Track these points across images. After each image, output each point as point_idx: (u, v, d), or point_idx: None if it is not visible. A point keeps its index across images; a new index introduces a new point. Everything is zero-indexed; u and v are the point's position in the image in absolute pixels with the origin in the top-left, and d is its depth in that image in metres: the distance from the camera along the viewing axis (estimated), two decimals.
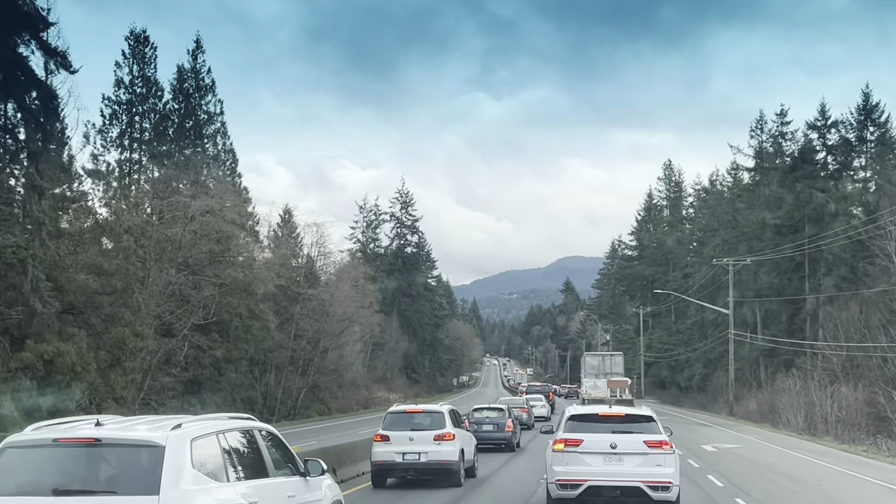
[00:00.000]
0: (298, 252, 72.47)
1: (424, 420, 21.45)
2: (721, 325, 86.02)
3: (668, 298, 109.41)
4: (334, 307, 67.85)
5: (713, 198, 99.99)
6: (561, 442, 15.95)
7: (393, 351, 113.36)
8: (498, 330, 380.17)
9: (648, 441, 15.65)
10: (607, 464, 15.63)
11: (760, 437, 40.95)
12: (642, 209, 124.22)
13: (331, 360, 77.84)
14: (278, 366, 67.38)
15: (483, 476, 23.53)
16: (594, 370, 60.24)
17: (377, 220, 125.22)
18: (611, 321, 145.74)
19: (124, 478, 7.62)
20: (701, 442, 36.68)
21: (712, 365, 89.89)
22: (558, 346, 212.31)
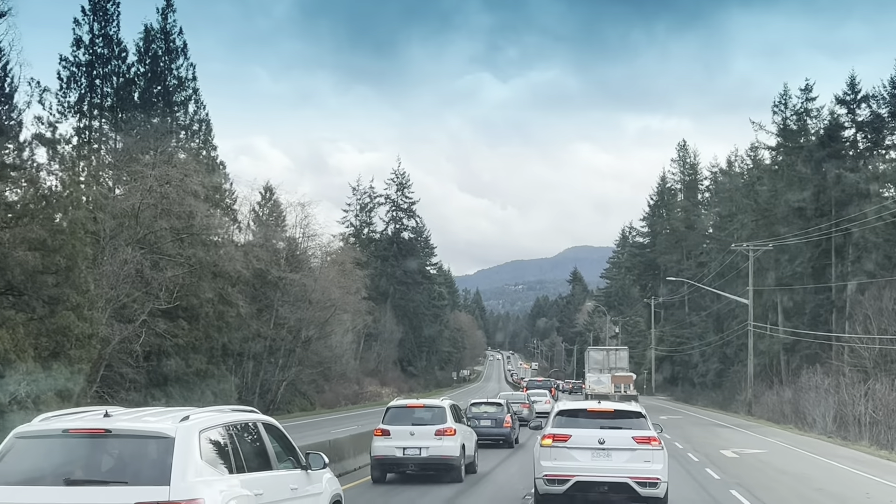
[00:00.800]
0: (280, 233, 69.20)
1: (425, 415, 21.87)
2: (739, 317, 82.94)
3: (682, 288, 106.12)
4: (317, 293, 64.58)
5: (731, 180, 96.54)
6: (549, 437, 16.32)
7: (387, 342, 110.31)
8: (502, 322, 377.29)
9: (637, 437, 16.03)
10: (595, 459, 16.01)
11: (785, 440, 37.71)
12: (655, 193, 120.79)
13: (315, 352, 74.84)
14: (256, 356, 64.33)
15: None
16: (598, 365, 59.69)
17: (372, 203, 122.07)
18: (620, 313, 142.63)
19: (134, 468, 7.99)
20: (719, 446, 33.43)
21: (729, 360, 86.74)
22: (565, 339, 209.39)
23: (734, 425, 48.20)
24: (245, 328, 60.53)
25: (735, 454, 30.13)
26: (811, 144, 72.66)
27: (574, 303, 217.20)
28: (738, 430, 44.47)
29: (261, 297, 65.76)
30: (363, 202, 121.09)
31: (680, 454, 29.94)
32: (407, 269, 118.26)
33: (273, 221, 68.96)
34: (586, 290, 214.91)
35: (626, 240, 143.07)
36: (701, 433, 40.93)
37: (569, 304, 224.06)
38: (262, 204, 69.06)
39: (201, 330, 55.00)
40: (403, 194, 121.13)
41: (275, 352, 65.71)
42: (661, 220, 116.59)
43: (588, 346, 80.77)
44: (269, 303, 65.43)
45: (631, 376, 58.73)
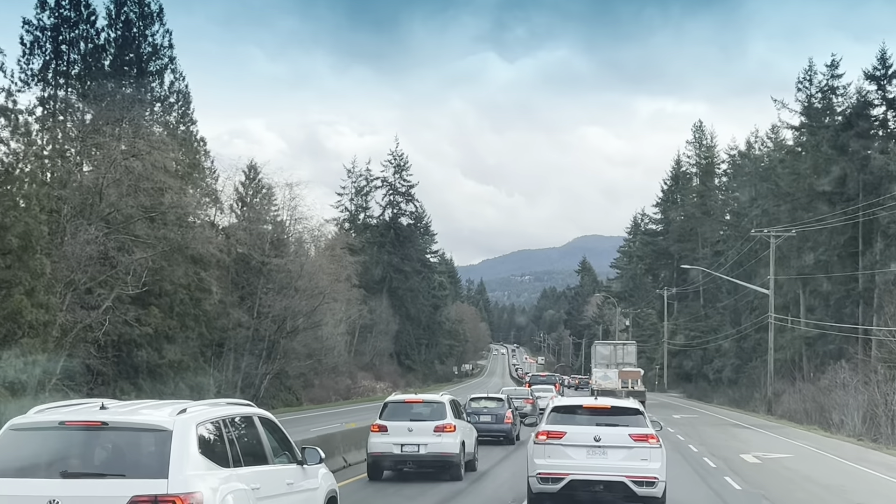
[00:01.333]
0: (265, 216, 67.15)
1: (424, 410, 21.96)
2: (758, 309, 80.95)
3: (697, 278, 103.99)
4: (304, 280, 62.52)
5: (751, 164, 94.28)
6: (543, 434, 16.39)
7: (382, 334, 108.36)
8: (507, 314, 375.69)
9: (634, 434, 16.02)
10: (590, 457, 16.03)
11: (811, 442, 35.62)
12: (669, 178, 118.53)
13: (304, 343, 72.90)
14: (237, 348, 62.42)
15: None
16: (605, 360, 60.26)
17: (368, 187, 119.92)
18: (631, 305, 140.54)
19: (132, 461, 8.22)
20: (739, 449, 31.35)
21: (747, 355, 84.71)
22: (573, 333, 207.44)
23: (753, 426, 46.14)
24: (225, 317, 58.59)
25: (757, 459, 28.05)
26: (838, 124, 70.47)
27: (583, 294, 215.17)
28: (758, 430, 42.41)
29: (243, 284, 63.82)
30: (359, 185, 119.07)
31: (695, 459, 27.90)
32: (405, 257, 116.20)
33: (257, 203, 66.85)
34: (595, 281, 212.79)
35: (638, 227, 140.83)
36: (718, 434, 38.90)
37: (577, 296, 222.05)
38: (246, 184, 66.93)
39: (176, 318, 53.06)
40: (401, 177, 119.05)
41: (258, 343, 63.72)
42: (676, 206, 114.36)
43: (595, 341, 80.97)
44: (253, 290, 63.46)
45: (639, 371, 59.28)
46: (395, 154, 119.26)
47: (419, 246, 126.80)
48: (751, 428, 44.09)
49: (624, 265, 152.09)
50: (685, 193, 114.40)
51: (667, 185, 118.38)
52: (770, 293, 63.27)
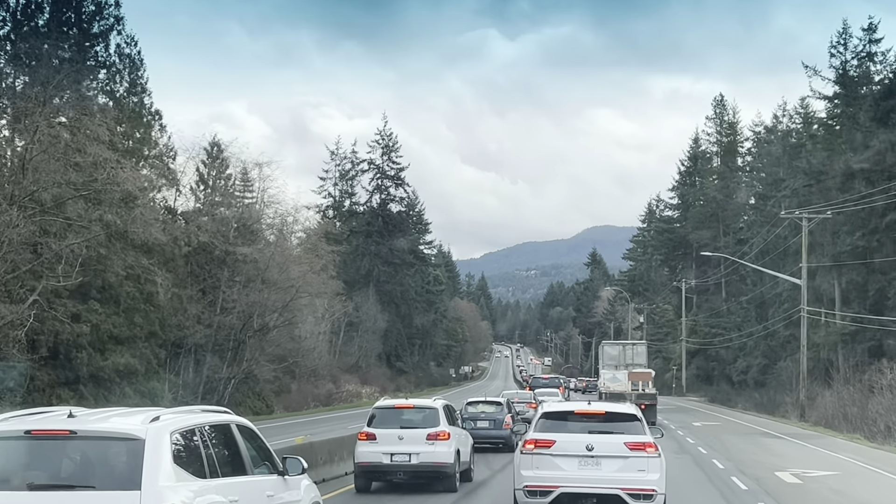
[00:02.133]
0: (230, 199, 64.03)
1: (416, 417, 22.02)
2: (787, 303, 78.05)
3: (718, 269, 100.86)
4: (273, 272, 59.38)
5: (778, 141, 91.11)
6: (531, 443, 16.20)
7: (369, 333, 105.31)
8: (511, 312, 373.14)
9: (630, 443, 15.79)
10: (582, 468, 15.83)
11: (857, 456, 32.43)
12: (686, 158, 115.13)
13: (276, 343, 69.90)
14: (198, 349, 59.36)
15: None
16: (613, 361, 59.10)
17: (354, 171, 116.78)
18: (645, 300, 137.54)
19: (103, 472, 8.28)
20: (773, 465, 28.17)
21: (774, 354, 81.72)
22: (582, 331, 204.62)
23: (786, 434, 42.93)
24: (182, 313, 55.49)
25: (796, 479, 24.85)
26: (877, 92, 67.34)
27: (592, 289, 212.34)
28: (793, 441, 39.23)
29: (205, 277, 60.73)
30: (343, 169, 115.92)
31: (721, 479, 24.76)
32: (394, 248, 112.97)
33: (221, 185, 63.71)
34: (607, 275, 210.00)
35: (653, 214, 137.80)
36: (746, 446, 35.74)
37: (587, 291, 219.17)
38: (208, 164, 63.80)
39: (123, 315, 50.10)
40: (390, 159, 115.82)
41: (222, 343, 60.67)
42: (694, 189, 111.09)
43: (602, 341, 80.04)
44: (216, 283, 60.38)
45: (650, 373, 57.51)
46: (382, 133, 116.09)
47: (411, 236, 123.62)
48: (783, 437, 40.90)
49: (638, 256, 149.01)
50: (705, 175, 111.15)
51: (684, 166, 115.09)
52: (802, 283, 60.20)
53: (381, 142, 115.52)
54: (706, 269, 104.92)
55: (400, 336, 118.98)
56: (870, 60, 71.84)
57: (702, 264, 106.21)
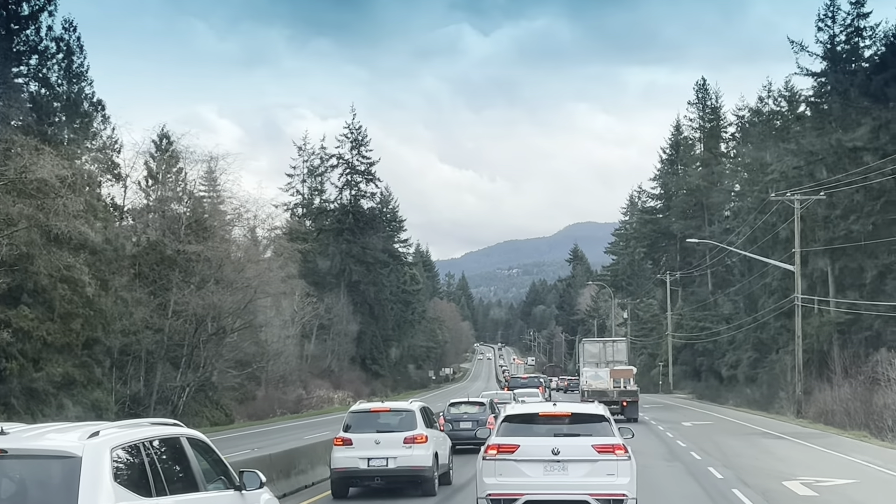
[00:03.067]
0: (181, 194, 60.18)
1: (392, 420, 21.80)
2: (777, 293, 74.80)
3: (704, 258, 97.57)
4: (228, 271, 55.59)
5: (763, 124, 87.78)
6: (493, 448, 15.65)
7: (341, 335, 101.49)
8: (494, 311, 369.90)
9: (598, 445, 15.25)
10: (548, 474, 15.32)
11: (872, 458, 28.80)
12: (668, 146, 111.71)
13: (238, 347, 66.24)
14: (149, 356, 55.54)
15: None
16: (594, 358, 60.31)
17: (323, 167, 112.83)
18: (629, 294, 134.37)
19: (36, 493, 7.87)
20: (779, 473, 24.57)
21: (766, 347, 78.37)
22: (565, 329, 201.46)
23: (786, 434, 39.32)
24: (127, 318, 51.57)
25: (810, 489, 21.22)
26: (869, 67, 64.19)
27: (575, 286, 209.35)
28: (795, 441, 35.67)
29: (155, 278, 56.84)
30: (312, 165, 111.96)
31: (721, 492, 21.19)
32: (367, 246, 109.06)
33: (172, 179, 59.81)
34: (589, 271, 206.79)
35: (635, 206, 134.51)
36: (745, 449, 32.17)
37: (569, 288, 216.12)
38: (157, 157, 59.92)
39: (58, 321, 46.15)
40: (360, 153, 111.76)
41: (175, 349, 56.83)
42: (677, 178, 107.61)
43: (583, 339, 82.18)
44: (167, 285, 56.50)
45: (631, 370, 57.71)
46: (351, 127, 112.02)
47: (384, 233, 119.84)
48: (784, 437, 37.32)
49: (620, 250, 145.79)
50: (688, 163, 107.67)
51: (666, 154, 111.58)
52: (795, 269, 56.93)
53: (349, 136, 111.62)
54: (691, 260, 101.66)
55: (375, 338, 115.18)
56: (857, 35, 68.64)
57: (686, 255, 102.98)
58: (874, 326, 62.21)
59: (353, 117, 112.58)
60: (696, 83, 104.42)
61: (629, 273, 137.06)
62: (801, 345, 56.05)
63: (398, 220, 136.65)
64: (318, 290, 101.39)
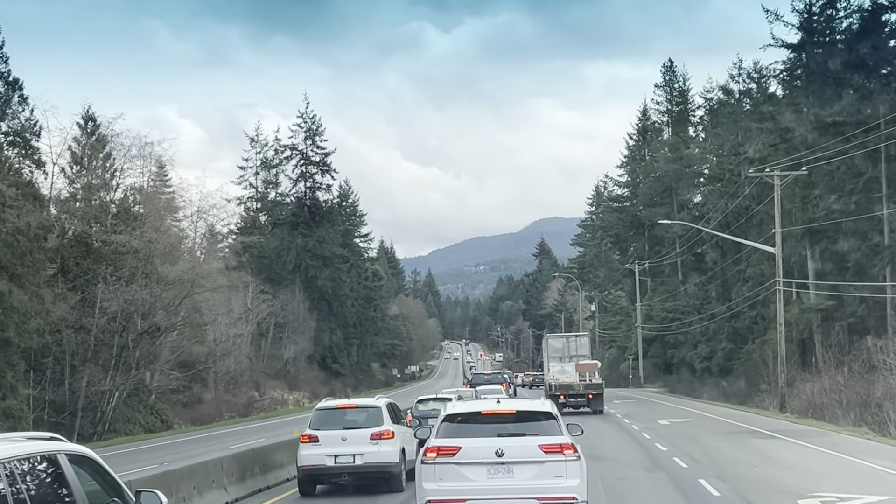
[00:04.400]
0: (110, 182, 54.83)
1: (359, 417, 21.74)
2: (752, 280, 70.62)
3: (673, 247, 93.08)
4: (154, 263, 50.27)
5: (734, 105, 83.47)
6: (432, 451, 14.57)
7: (297, 333, 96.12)
8: (461, 308, 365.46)
9: (545, 445, 14.28)
10: (492, 477, 14.30)
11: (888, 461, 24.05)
12: (635, 132, 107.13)
13: (179, 347, 61.04)
14: (73, 357, 50.26)
15: None
16: (558, 353, 60.66)
17: (278, 159, 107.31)
18: (596, 286, 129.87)
19: None
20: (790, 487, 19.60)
21: (741, 337, 74.05)
22: (533, 324, 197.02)
23: (777, 432, 34.39)
24: (43, 316, 46.19)
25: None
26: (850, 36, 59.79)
27: (542, 280, 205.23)
28: (790, 440, 30.80)
29: (80, 273, 51.54)
30: (266, 157, 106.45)
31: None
32: (324, 240, 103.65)
33: (98, 165, 54.40)
34: (556, 265, 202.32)
35: (602, 197, 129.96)
36: (736, 453, 27.28)
37: (536, 282, 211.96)
38: (82, 141, 54.52)
39: None
40: (314, 144, 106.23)
41: (103, 350, 51.49)
42: (645, 164, 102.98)
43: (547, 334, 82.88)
44: (92, 279, 51.20)
45: (596, 364, 58.82)
46: (305, 116, 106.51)
47: (342, 227, 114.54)
48: (776, 436, 32.42)
49: (587, 241, 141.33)
50: (655, 149, 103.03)
51: (633, 140, 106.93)
52: (777, 250, 52.35)
53: (303, 125, 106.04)
54: (660, 248, 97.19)
55: (335, 336, 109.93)
56: (831, 6, 64.28)
57: (655, 244, 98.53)
58: (857, 312, 58.05)
59: (307, 106, 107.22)
60: (664, 65, 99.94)
61: (596, 265, 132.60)
62: (783, 333, 51.33)
63: (358, 215, 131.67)
64: (273, 287, 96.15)
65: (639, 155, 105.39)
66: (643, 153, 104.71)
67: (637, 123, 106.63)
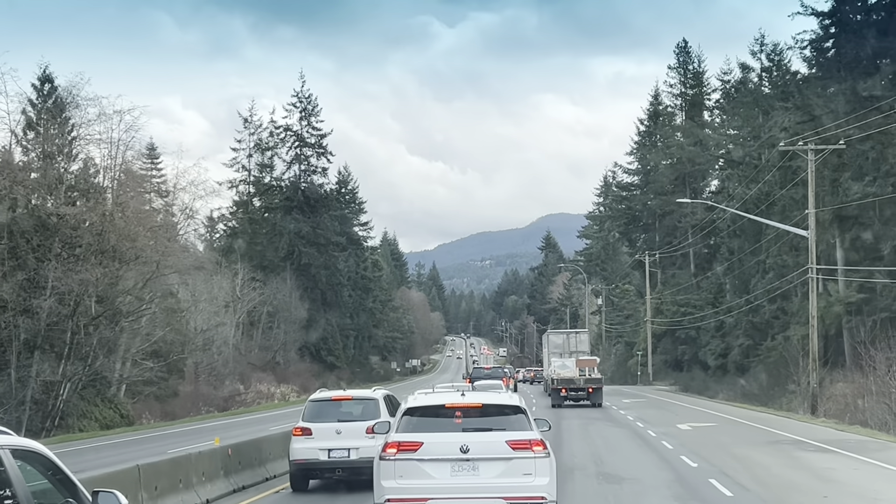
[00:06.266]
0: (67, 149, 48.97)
1: (355, 409, 20.93)
2: (773, 271, 64.67)
3: (685, 237, 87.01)
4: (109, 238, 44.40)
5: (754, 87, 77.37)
6: (392, 446, 13.52)
7: (287, 322, 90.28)
8: (465, 302, 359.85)
9: (513, 441, 13.30)
10: (456, 475, 13.35)
11: None
12: (646, 116, 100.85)
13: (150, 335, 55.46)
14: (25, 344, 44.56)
15: None
16: (558, 349, 63.04)
17: (273, 141, 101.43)
18: (604, 280, 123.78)
19: None
20: None
21: (760, 332, 67.95)
22: (537, 319, 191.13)
23: (825, 442, 28.20)
24: None
25: None
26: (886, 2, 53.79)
27: (547, 274, 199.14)
28: (849, 455, 24.64)
29: (30, 250, 45.67)
30: (260, 138, 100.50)
31: None
32: (319, 226, 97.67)
33: (55, 132, 48.52)
34: (562, 259, 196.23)
35: (610, 187, 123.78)
36: (789, 472, 21.22)
37: (541, 276, 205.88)
38: (38, 105, 48.70)
39: None
40: (310, 124, 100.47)
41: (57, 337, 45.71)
42: (655, 150, 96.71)
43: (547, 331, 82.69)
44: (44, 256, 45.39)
45: (595, 360, 59.95)
46: (300, 96, 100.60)
47: (338, 212, 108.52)
48: (830, 449, 26.26)
49: (594, 233, 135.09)
50: (667, 135, 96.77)
51: (644, 125, 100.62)
52: (810, 234, 46.39)
53: (298, 105, 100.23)
54: (671, 239, 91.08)
55: (330, 327, 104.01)
56: None
57: (666, 235, 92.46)
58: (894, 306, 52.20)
59: (303, 85, 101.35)
60: (677, 45, 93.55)
61: (603, 257, 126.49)
62: (816, 326, 45.34)
63: (358, 202, 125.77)
64: (264, 274, 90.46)
65: (650, 141, 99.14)
66: (655, 139, 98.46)
67: (648, 108, 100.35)
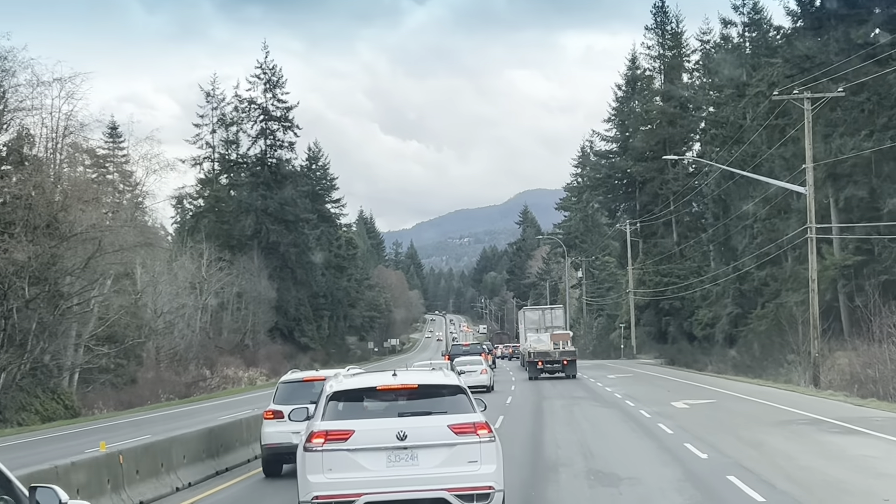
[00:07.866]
0: None
1: None
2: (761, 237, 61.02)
3: (667, 205, 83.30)
4: (40, 211, 40.10)
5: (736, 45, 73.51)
6: (319, 436, 11.61)
7: (256, 303, 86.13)
8: (445, 280, 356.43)
9: (456, 425, 11.63)
10: (393, 465, 11.56)
11: None
12: (623, 81, 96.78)
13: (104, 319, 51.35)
14: None
15: None
16: (534, 324, 64.49)
17: (238, 116, 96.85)
18: (583, 252, 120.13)
19: None
20: None
21: (748, 301, 64.27)
22: (517, 294, 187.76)
23: (847, 420, 24.19)
24: None
25: None
26: None
27: (526, 249, 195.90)
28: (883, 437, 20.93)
29: None
30: (223, 113, 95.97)
31: None
32: (286, 202, 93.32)
33: None
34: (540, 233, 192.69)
35: (587, 157, 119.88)
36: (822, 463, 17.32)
37: (519, 251, 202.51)
38: None
39: None
40: (275, 97, 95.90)
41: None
42: (634, 115, 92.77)
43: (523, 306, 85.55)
44: None
45: (568, 334, 62.41)
46: (264, 67, 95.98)
47: (308, 190, 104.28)
48: (857, 429, 22.27)
49: (573, 205, 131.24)
50: (645, 99, 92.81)
51: (621, 90, 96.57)
52: (808, 190, 42.49)
53: (262, 77, 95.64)
54: (652, 208, 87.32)
55: (302, 307, 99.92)
56: None
57: (647, 203, 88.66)
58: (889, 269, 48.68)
59: (266, 56, 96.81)
60: (654, 5, 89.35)
61: (582, 229, 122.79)
62: (817, 292, 41.60)
63: (329, 178, 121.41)
64: (231, 254, 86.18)
65: (628, 107, 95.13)
66: (633, 104, 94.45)
67: (626, 73, 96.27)
